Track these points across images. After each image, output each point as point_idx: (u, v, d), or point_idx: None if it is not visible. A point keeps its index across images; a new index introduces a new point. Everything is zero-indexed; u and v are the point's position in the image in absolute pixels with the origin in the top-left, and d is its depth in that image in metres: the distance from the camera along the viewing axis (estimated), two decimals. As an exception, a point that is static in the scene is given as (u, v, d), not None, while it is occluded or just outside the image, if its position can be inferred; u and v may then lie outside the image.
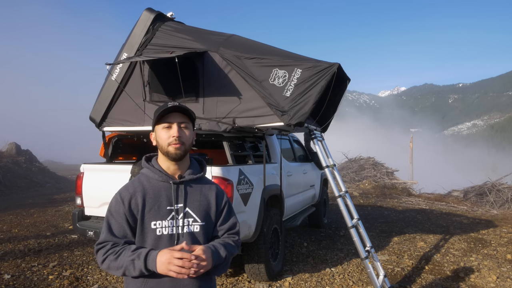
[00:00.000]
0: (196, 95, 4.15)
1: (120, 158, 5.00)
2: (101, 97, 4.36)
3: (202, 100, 4.11)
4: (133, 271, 1.54)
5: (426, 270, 5.19)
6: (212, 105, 4.06)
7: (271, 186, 4.63)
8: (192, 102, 4.10)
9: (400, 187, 16.54)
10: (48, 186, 16.47)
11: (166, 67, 4.04)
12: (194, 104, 4.09)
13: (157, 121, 1.67)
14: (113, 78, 4.25)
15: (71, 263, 5.21)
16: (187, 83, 3.97)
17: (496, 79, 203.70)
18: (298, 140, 7.02)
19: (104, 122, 4.41)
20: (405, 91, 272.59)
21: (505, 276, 5.01)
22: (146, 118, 4.20)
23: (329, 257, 5.64)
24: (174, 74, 3.75)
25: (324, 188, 7.90)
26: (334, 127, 5.93)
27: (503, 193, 14.12)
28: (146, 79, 4.22)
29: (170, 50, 4.02)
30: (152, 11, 4.26)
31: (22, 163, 17.66)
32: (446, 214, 10.30)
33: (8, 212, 9.43)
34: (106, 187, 4.23)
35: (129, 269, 1.54)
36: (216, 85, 4.06)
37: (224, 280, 4.55)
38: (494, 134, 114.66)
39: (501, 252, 6.19)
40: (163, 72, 4.19)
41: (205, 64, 4.05)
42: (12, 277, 4.62)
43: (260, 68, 3.88)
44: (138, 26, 4.22)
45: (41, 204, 11.16)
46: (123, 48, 4.25)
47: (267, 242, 4.40)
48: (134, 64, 4.23)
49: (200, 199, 1.73)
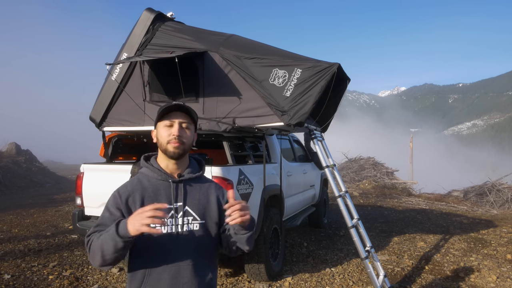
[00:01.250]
0: (196, 95, 4.14)
1: (120, 158, 5.00)
2: (101, 97, 4.36)
3: (202, 100, 4.11)
4: (108, 243, 1.45)
5: (426, 270, 5.19)
6: (212, 105, 4.06)
7: (271, 186, 4.63)
8: (192, 102, 4.10)
9: (400, 187, 16.54)
10: (48, 186, 16.47)
11: (166, 67, 4.04)
12: (194, 104, 4.08)
13: (159, 118, 1.68)
14: (113, 78, 4.24)
15: (71, 263, 5.21)
16: (187, 83, 3.97)
17: (496, 79, 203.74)
18: (298, 140, 7.02)
19: (104, 122, 4.40)
20: (405, 91, 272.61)
21: (505, 276, 5.00)
22: (146, 118, 4.20)
23: (329, 257, 5.64)
24: (174, 74, 3.75)
25: (324, 188, 7.90)
26: (334, 127, 5.93)
27: (503, 193, 14.12)
28: (146, 79, 4.22)
29: (170, 50, 4.02)
30: (152, 11, 4.26)
31: (22, 163, 17.66)
32: (446, 214, 10.30)
33: (8, 212, 9.43)
34: (106, 187, 4.21)
35: (105, 244, 1.46)
36: (216, 85, 4.06)
37: (224, 280, 4.55)
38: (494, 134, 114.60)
39: (501, 252, 6.19)
40: (163, 72, 4.19)
41: (205, 64, 4.05)
42: (12, 277, 4.62)
43: (260, 68, 3.88)
44: (138, 26, 4.21)
45: (41, 204, 11.16)
46: (123, 48, 4.24)
47: (267, 242, 4.40)
48: (134, 64, 4.23)
49: (199, 197, 1.73)
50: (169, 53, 3.89)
